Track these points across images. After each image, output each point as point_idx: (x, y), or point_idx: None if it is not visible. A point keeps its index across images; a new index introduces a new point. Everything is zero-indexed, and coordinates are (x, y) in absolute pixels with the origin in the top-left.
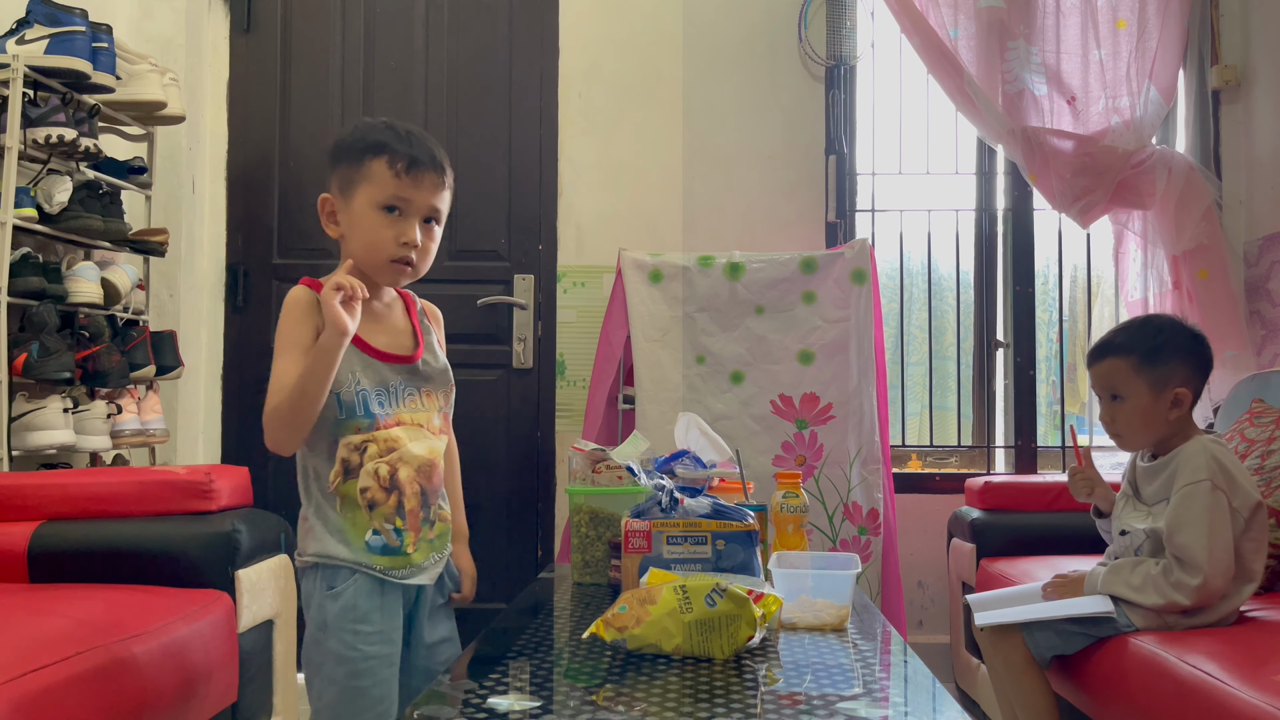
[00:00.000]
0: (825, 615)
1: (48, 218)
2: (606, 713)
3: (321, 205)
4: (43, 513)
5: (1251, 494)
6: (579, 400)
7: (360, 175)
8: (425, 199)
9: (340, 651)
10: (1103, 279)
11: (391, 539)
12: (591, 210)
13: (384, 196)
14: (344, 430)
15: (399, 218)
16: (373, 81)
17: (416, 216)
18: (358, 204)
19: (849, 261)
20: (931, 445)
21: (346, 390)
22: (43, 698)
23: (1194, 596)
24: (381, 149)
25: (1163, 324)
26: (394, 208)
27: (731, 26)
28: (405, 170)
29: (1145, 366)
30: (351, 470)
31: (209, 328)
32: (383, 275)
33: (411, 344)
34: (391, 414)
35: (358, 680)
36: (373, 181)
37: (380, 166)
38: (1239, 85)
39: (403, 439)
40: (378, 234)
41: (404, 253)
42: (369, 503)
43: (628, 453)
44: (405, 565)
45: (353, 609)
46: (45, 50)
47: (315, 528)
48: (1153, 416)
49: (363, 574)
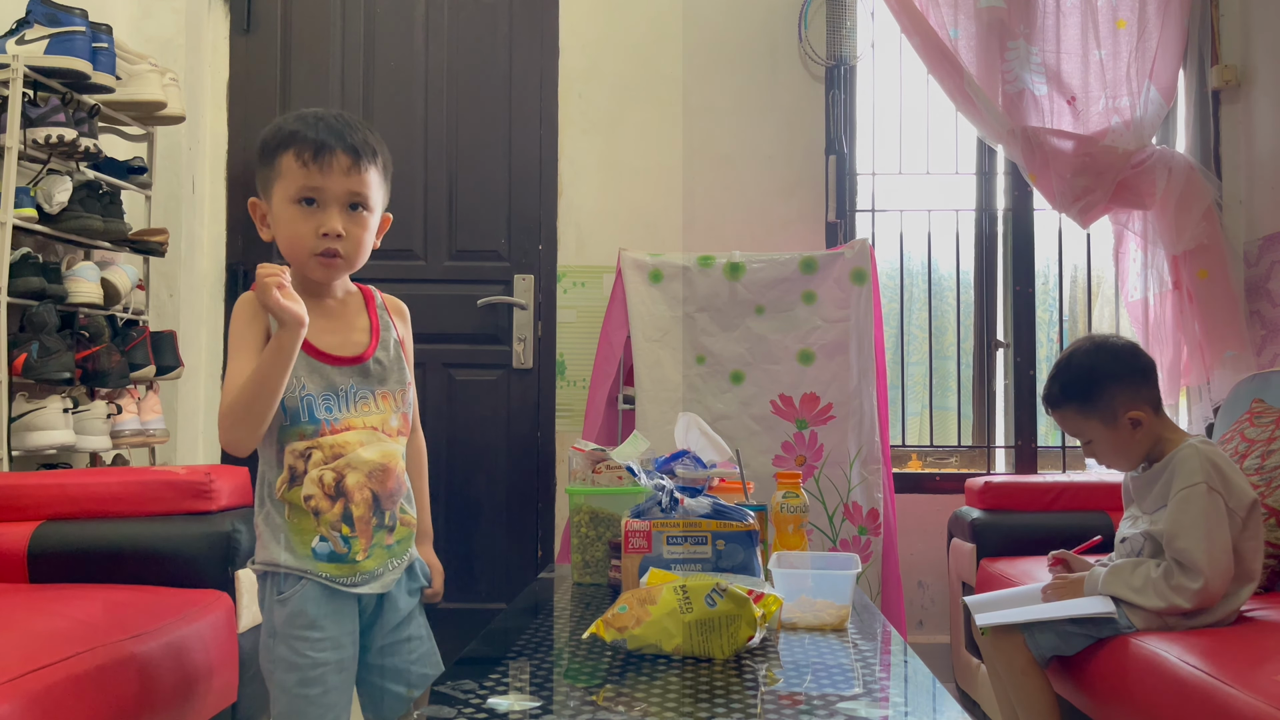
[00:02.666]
0: (825, 615)
1: (48, 218)
2: (606, 713)
3: (252, 210)
4: (43, 513)
5: (1247, 492)
6: (579, 400)
7: (274, 173)
8: (340, 185)
9: (289, 658)
10: (1103, 279)
11: (339, 546)
12: (591, 210)
13: (295, 189)
14: (289, 436)
15: (316, 209)
16: (373, 81)
17: (335, 205)
18: (276, 202)
19: (849, 261)
20: (931, 445)
21: (291, 396)
22: (43, 698)
23: (1194, 600)
24: (289, 140)
25: (1083, 360)
26: (309, 199)
27: (731, 26)
28: (312, 158)
29: (1087, 408)
30: (297, 477)
31: (209, 328)
32: (312, 271)
33: (365, 342)
34: (340, 419)
35: (307, 688)
36: (285, 177)
37: (289, 160)
38: (1239, 85)
39: (352, 443)
40: (295, 228)
41: (325, 244)
42: (314, 509)
43: (628, 453)
44: (354, 573)
45: (300, 615)
46: (45, 50)
47: (264, 534)
48: (1122, 445)
49: (310, 581)
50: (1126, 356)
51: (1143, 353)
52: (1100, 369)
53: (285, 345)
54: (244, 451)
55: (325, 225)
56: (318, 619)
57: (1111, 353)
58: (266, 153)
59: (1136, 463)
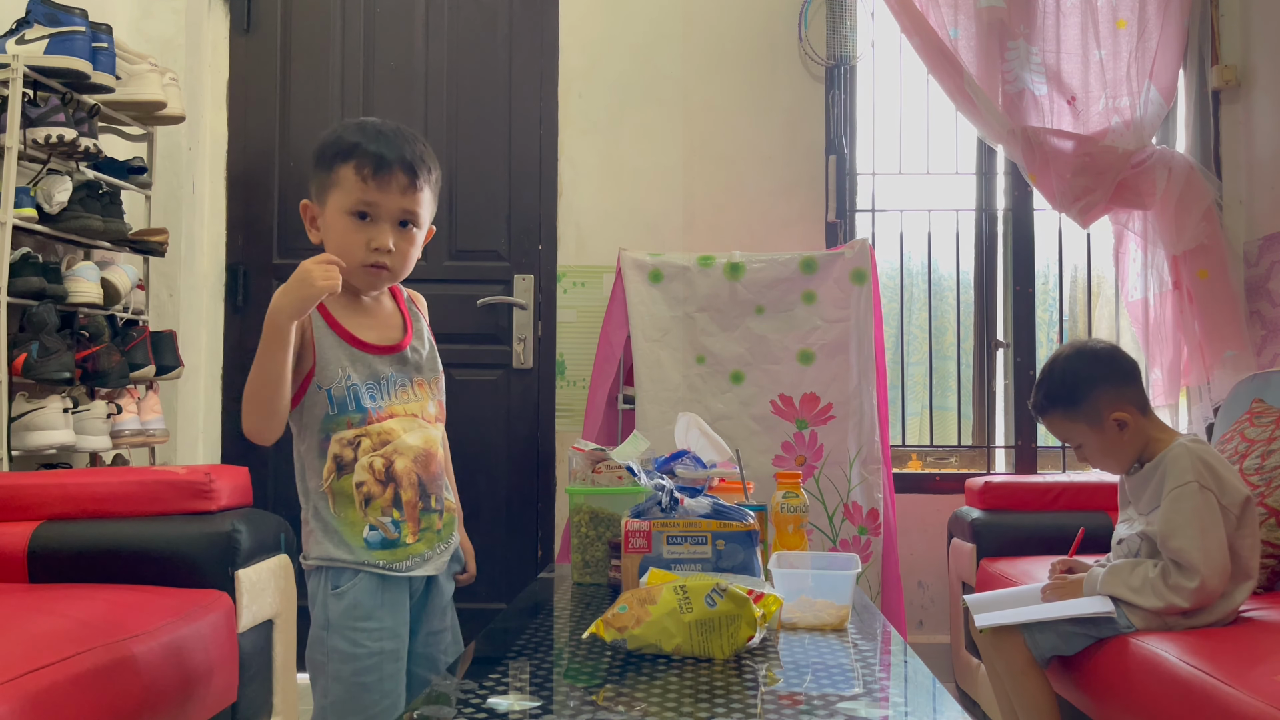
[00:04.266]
0: (825, 615)
1: (48, 218)
2: (606, 713)
3: (303, 211)
4: (43, 513)
5: (1239, 489)
6: (579, 400)
7: (331, 181)
8: (395, 202)
9: (346, 649)
10: (1103, 279)
11: (389, 531)
12: (591, 210)
13: (351, 202)
14: (336, 426)
15: (369, 223)
16: (373, 81)
17: (388, 221)
18: (329, 210)
19: (849, 261)
20: (931, 445)
21: (337, 386)
22: (43, 698)
23: (1192, 599)
24: (350, 153)
25: (1065, 365)
26: (363, 213)
27: (731, 26)
28: (372, 174)
29: (1073, 412)
30: (345, 466)
31: (209, 328)
32: (358, 280)
33: (400, 333)
34: (384, 406)
35: (363, 676)
36: (341, 187)
37: (348, 172)
38: (1239, 85)
39: (397, 430)
40: (348, 239)
41: (375, 258)
42: (365, 497)
43: (628, 453)
44: (406, 557)
45: (357, 607)
46: (45, 50)
47: (315, 531)
48: (1110, 446)
49: (365, 573)
50: (1106, 359)
51: (1123, 354)
52: (1082, 373)
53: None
54: (266, 440)
55: (377, 240)
56: (373, 610)
57: (1092, 356)
58: (325, 160)
59: (1127, 464)
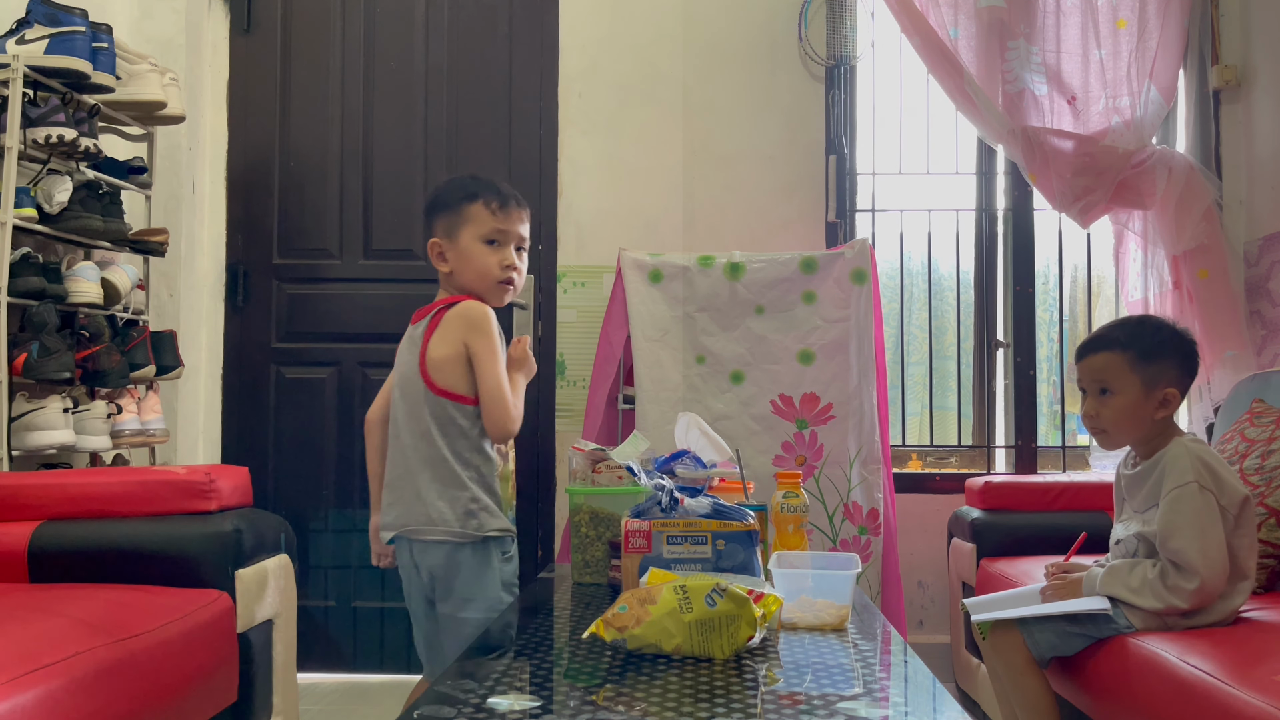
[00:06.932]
0: (825, 615)
1: (48, 218)
2: (606, 713)
3: (431, 249)
4: (43, 513)
5: (1238, 489)
6: (579, 400)
7: (461, 218)
8: (516, 229)
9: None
10: (1103, 279)
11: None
12: (591, 210)
13: (485, 231)
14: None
15: (499, 247)
16: (373, 81)
17: (511, 244)
18: (464, 241)
19: (849, 261)
20: (931, 445)
21: None
22: (43, 698)
23: (1191, 600)
24: (475, 195)
25: (1160, 324)
26: (493, 240)
27: (731, 26)
28: (500, 208)
29: (1140, 363)
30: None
31: (209, 328)
32: (492, 296)
33: None
34: None
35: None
36: (474, 221)
37: (478, 208)
38: (1239, 85)
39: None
40: (485, 262)
41: (507, 274)
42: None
43: (628, 453)
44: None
45: (517, 566)
46: (45, 50)
47: (489, 506)
48: (1140, 413)
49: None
50: (1194, 347)
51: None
52: (1172, 340)
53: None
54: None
55: (507, 259)
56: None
57: (1185, 337)
58: (450, 203)
59: (1133, 440)
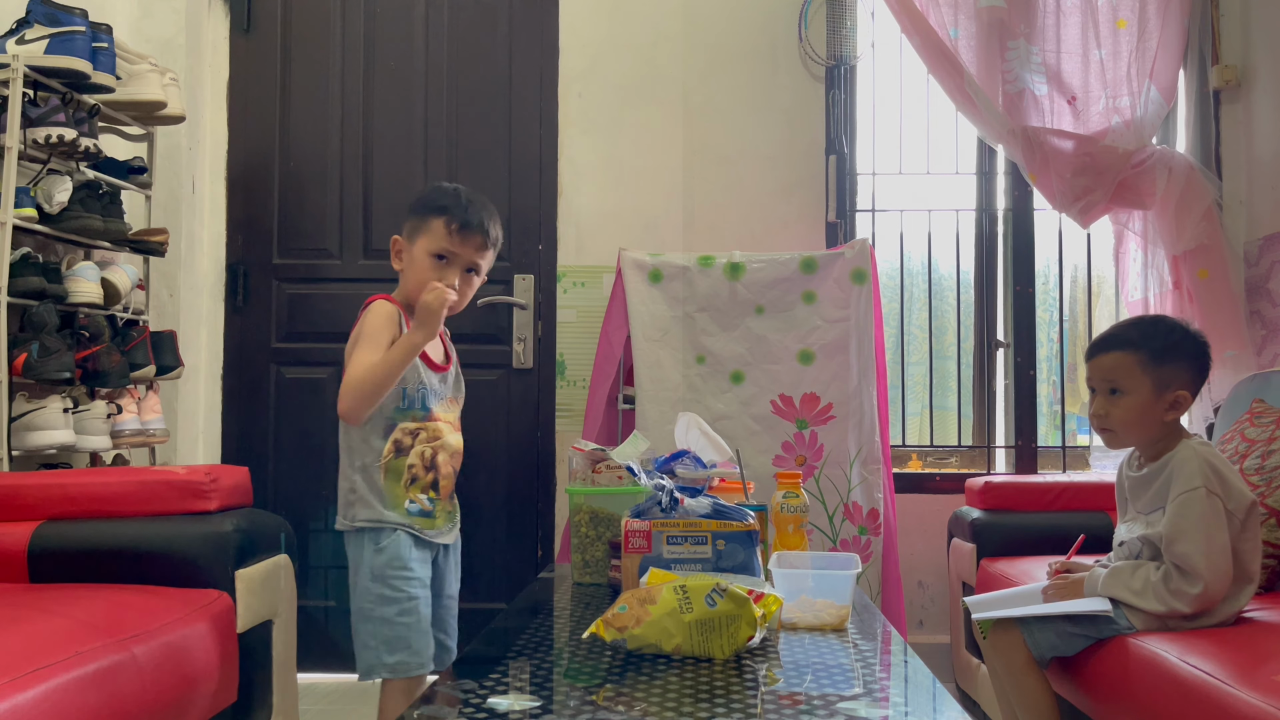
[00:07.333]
0: (825, 615)
1: (48, 218)
2: (606, 713)
3: (393, 244)
4: (43, 513)
5: (1245, 494)
6: (579, 400)
7: (423, 227)
8: (468, 255)
9: (389, 594)
10: (1103, 279)
11: (425, 506)
12: (591, 210)
13: (437, 246)
14: (404, 418)
15: (446, 265)
16: (373, 81)
17: (459, 267)
18: (417, 250)
19: (849, 261)
20: (932, 445)
21: (412, 386)
22: (43, 698)
23: (1194, 605)
24: (444, 210)
25: (1173, 325)
26: (443, 257)
27: (732, 26)
28: (459, 230)
29: (1152, 364)
30: (403, 450)
31: (209, 328)
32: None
33: (444, 358)
34: (436, 411)
35: (405, 617)
36: (431, 234)
37: (439, 224)
38: (1239, 85)
39: (444, 431)
40: (427, 275)
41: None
42: (411, 476)
43: (628, 453)
44: (433, 527)
45: (397, 558)
46: (45, 50)
47: (365, 497)
48: (1150, 415)
49: (402, 532)
50: (1206, 349)
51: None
52: (1185, 341)
53: (417, 345)
54: (357, 422)
55: (448, 279)
56: (409, 561)
57: (1198, 338)
58: (422, 210)
59: (1141, 442)
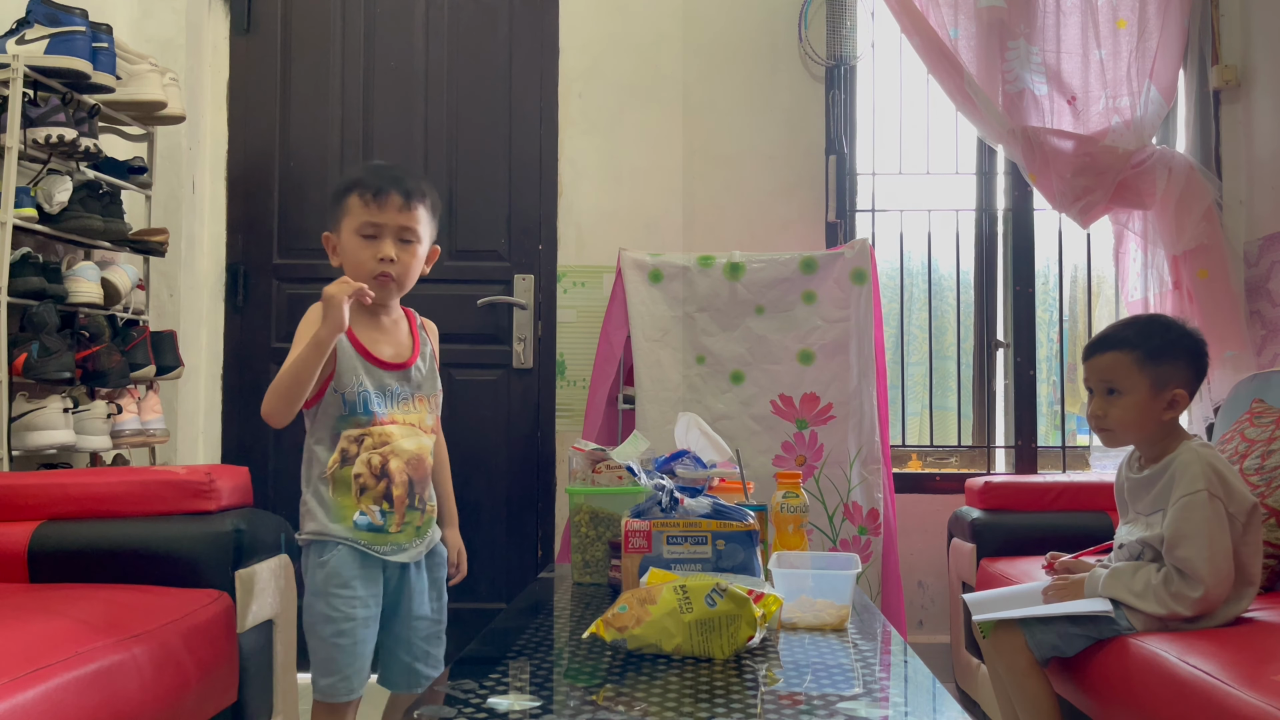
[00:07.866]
0: (825, 615)
1: (48, 218)
2: (606, 713)
3: (325, 243)
4: (43, 513)
5: (1247, 497)
6: (579, 400)
7: (342, 210)
8: (394, 220)
9: (327, 613)
10: (1103, 279)
11: (376, 519)
12: (591, 210)
13: (358, 224)
14: (346, 424)
15: (374, 240)
16: (373, 81)
17: (390, 237)
18: (343, 234)
19: (849, 261)
20: (931, 445)
21: (350, 390)
22: (43, 698)
23: (1195, 608)
24: (354, 185)
25: (1169, 323)
26: (370, 234)
27: (732, 26)
28: (374, 198)
29: (1149, 363)
30: (349, 458)
31: (209, 328)
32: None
33: (409, 353)
34: (387, 413)
35: (341, 638)
36: (350, 213)
37: (354, 200)
38: (1239, 85)
39: (395, 435)
40: (358, 255)
41: (382, 268)
42: (360, 487)
43: (628, 453)
44: (386, 543)
45: (336, 575)
46: (45, 50)
47: (313, 509)
48: (1147, 414)
49: (346, 546)
50: (1204, 347)
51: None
52: (1182, 340)
53: (322, 341)
54: (279, 424)
55: (381, 252)
56: (350, 579)
57: (1195, 337)
58: (337, 195)
59: (1139, 441)
